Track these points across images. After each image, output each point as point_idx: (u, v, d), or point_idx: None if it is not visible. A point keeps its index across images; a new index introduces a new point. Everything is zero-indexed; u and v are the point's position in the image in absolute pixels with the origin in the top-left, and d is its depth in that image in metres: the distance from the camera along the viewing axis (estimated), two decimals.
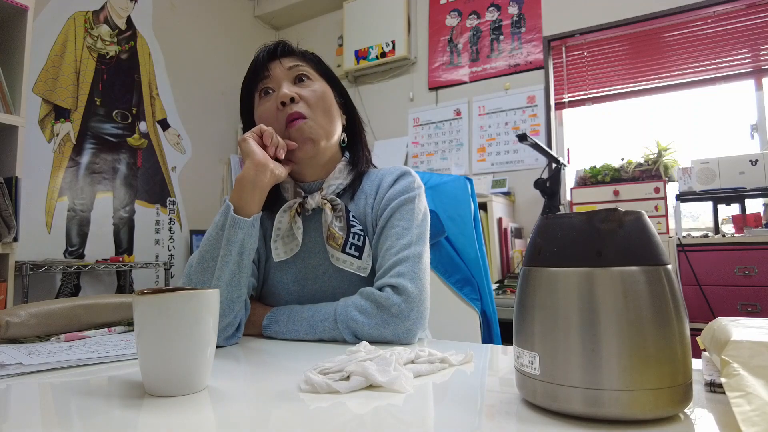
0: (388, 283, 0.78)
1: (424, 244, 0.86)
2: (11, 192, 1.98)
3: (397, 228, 0.85)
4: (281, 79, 0.89)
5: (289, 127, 0.86)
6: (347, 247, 0.84)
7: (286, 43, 0.93)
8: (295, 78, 0.90)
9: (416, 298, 0.77)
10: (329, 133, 0.89)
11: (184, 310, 0.49)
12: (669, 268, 0.41)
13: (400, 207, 0.87)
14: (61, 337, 0.78)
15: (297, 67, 0.91)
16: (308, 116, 0.86)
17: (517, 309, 0.44)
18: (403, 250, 0.82)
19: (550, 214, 0.46)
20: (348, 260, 0.84)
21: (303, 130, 0.85)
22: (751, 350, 0.38)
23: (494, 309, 1.23)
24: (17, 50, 2.12)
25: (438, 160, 3.34)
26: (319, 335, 0.78)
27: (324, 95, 0.90)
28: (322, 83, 0.92)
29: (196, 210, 3.44)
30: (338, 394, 0.48)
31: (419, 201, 0.89)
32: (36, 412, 0.47)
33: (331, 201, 0.87)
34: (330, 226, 0.85)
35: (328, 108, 0.90)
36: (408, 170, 0.93)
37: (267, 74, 0.90)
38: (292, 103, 0.86)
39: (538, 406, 0.42)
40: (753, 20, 2.57)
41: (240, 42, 3.86)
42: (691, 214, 2.73)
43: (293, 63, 0.91)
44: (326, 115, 0.89)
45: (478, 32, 3.29)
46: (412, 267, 0.80)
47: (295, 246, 0.87)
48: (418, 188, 0.91)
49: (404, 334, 0.75)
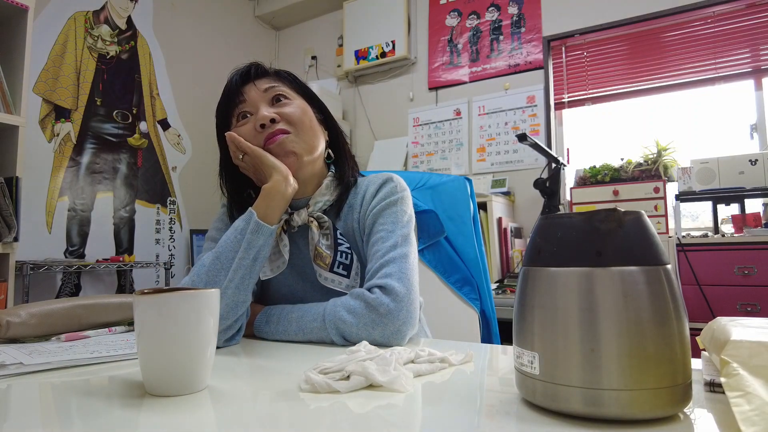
0: (376, 284, 0.78)
1: (410, 244, 0.85)
2: (12, 192, 1.98)
3: (381, 232, 0.85)
4: (258, 101, 0.88)
5: (270, 143, 0.85)
6: (335, 266, 0.84)
7: (259, 65, 0.92)
8: (272, 99, 0.89)
9: (404, 297, 0.76)
10: (312, 147, 0.88)
11: (185, 310, 0.49)
12: (668, 268, 0.41)
13: (383, 211, 0.87)
14: (62, 337, 0.78)
15: (273, 88, 0.89)
16: (291, 131, 0.86)
17: (517, 309, 0.44)
18: (389, 251, 0.82)
19: (549, 214, 0.46)
20: (336, 279, 0.84)
21: (284, 143, 0.85)
22: (751, 350, 0.38)
23: (493, 309, 1.23)
24: (17, 50, 2.12)
25: (438, 160, 3.34)
26: (308, 336, 0.77)
27: (304, 112, 0.89)
28: (301, 101, 0.91)
29: (196, 210, 3.44)
30: (338, 393, 0.48)
31: (402, 203, 0.89)
32: (36, 412, 0.47)
33: (318, 219, 0.87)
34: (317, 246, 0.85)
35: (310, 124, 0.89)
36: (390, 176, 0.93)
37: (242, 98, 0.88)
38: (273, 124, 0.85)
39: (538, 405, 0.42)
40: (753, 20, 2.57)
41: (240, 42, 3.86)
42: (690, 213, 2.73)
43: (269, 84, 0.89)
44: (309, 131, 0.88)
45: (478, 32, 3.29)
46: (399, 267, 0.80)
47: (282, 264, 0.86)
48: (401, 191, 0.90)
49: (394, 335, 0.74)
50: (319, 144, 0.90)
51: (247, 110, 0.88)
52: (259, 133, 0.85)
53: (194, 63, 3.49)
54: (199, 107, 3.50)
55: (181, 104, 3.38)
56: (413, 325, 0.77)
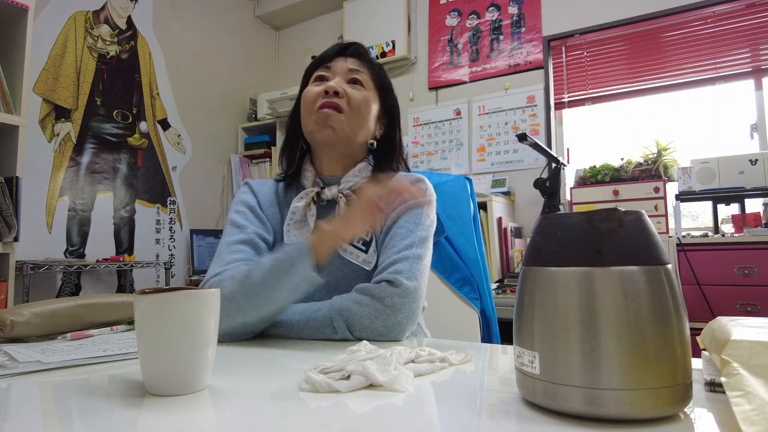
0: (385, 278, 0.79)
1: (427, 248, 0.86)
2: (12, 192, 1.98)
3: (402, 229, 0.87)
4: (338, 73, 0.94)
5: (321, 111, 0.90)
6: (356, 239, 0.87)
7: (360, 46, 0.99)
8: (351, 80, 0.94)
9: (411, 293, 0.77)
10: (353, 132, 0.93)
11: (185, 310, 0.49)
12: (669, 267, 0.41)
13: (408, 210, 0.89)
14: (67, 336, 0.78)
15: (357, 72, 0.95)
16: (343, 111, 0.91)
17: (517, 309, 0.44)
18: (405, 250, 0.83)
19: (549, 213, 0.46)
20: (354, 252, 0.87)
21: (330, 117, 0.90)
22: (751, 350, 0.38)
23: (494, 308, 1.23)
24: (18, 50, 2.12)
25: (438, 159, 3.34)
26: (310, 324, 0.77)
27: (367, 103, 0.94)
28: (372, 93, 0.97)
29: (196, 210, 3.44)
30: (338, 393, 0.48)
31: (428, 207, 0.91)
32: (36, 412, 0.47)
33: (347, 195, 0.91)
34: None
35: (365, 115, 0.94)
36: (422, 178, 0.95)
37: (329, 65, 0.96)
38: (335, 96, 0.90)
39: (538, 405, 0.42)
40: (753, 20, 2.57)
41: (240, 42, 3.86)
42: (690, 213, 2.73)
43: (356, 66, 0.96)
44: (358, 119, 0.93)
45: (478, 32, 3.29)
46: (411, 266, 0.81)
47: (306, 231, 0.90)
48: (430, 196, 0.93)
49: (394, 326, 0.75)
50: (361, 133, 0.95)
51: (326, 75, 0.95)
52: (321, 98, 0.91)
53: (194, 63, 3.49)
54: (199, 107, 3.50)
55: (181, 104, 3.38)
56: (414, 321, 0.78)
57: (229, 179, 3.67)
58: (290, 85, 3.63)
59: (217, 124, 3.64)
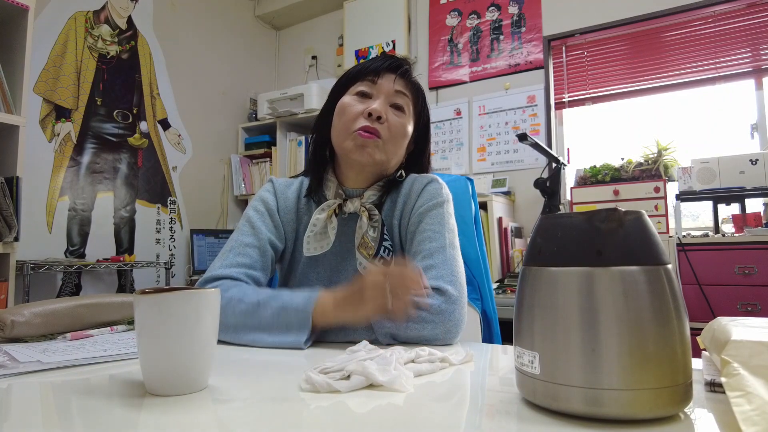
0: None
1: (457, 249, 0.86)
2: (12, 191, 1.98)
3: (428, 232, 0.86)
4: (383, 93, 0.91)
5: (360, 134, 0.87)
6: (376, 258, 0.86)
7: (409, 68, 0.96)
8: (394, 103, 0.92)
9: (456, 299, 0.77)
10: (388, 159, 0.92)
11: (185, 310, 0.49)
12: (669, 267, 0.41)
13: (429, 212, 0.89)
14: (68, 336, 0.78)
15: (402, 95, 0.93)
16: (383, 138, 0.89)
17: (517, 309, 0.44)
18: (437, 252, 0.83)
19: (550, 213, 0.46)
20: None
21: (368, 145, 0.88)
22: (751, 350, 0.38)
23: (494, 309, 1.23)
24: (18, 50, 2.12)
25: (438, 159, 3.34)
26: (350, 336, 0.74)
27: (405, 133, 0.93)
28: (410, 120, 0.95)
29: (196, 210, 3.44)
30: (339, 393, 0.48)
31: (448, 206, 0.91)
32: (36, 412, 0.47)
33: (370, 210, 0.89)
34: (364, 235, 0.87)
35: (402, 144, 0.93)
36: (435, 178, 0.95)
37: (375, 80, 0.92)
38: (378, 121, 0.88)
39: (539, 405, 0.42)
40: (753, 20, 2.56)
41: (240, 42, 3.86)
42: (691, 213, 2.72)
43: (402, 88, 0.93)
44: (395, 148, 0.92)
45: (478, 32, 3.29)
46: (450, 270, 0.81)
47: (326, 244, 0.89)
48: (447, 195, 0.93)
49: (445, 334, 0.74)
50: (395, 159, 0.94)
51: (369, 92, 0.92)
52: (362, 118, 0.88)
53: (194, 63, 3.48)
54: (199, 107, 3.50)
55: (182, 104, 3.38)
56: (463, 326, 0.78)
57: (230, 179, 3.67)
58: (290, 85, 3.63)
59: (217, 124, 3.64)
